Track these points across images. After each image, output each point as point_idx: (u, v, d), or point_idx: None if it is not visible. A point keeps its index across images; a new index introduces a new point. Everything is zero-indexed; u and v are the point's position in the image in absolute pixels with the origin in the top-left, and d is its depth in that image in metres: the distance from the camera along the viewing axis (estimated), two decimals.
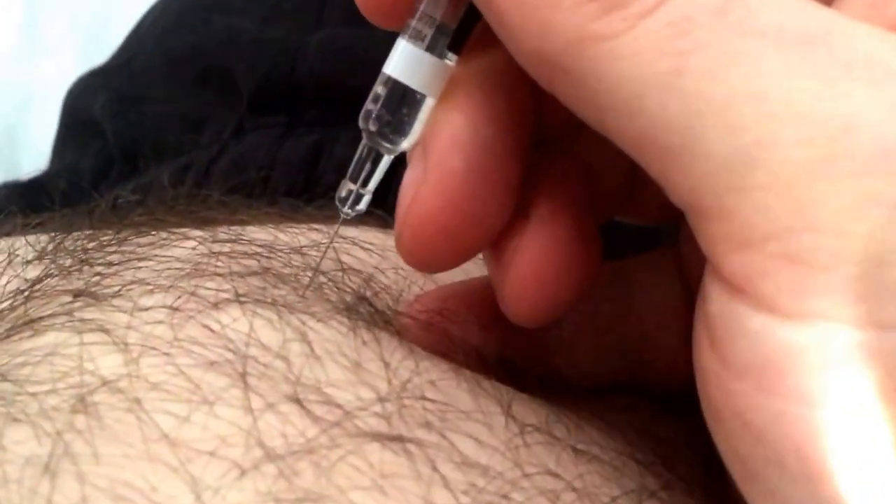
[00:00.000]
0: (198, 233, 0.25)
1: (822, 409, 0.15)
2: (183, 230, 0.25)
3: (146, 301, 0.21)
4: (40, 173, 0.53)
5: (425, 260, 0.21)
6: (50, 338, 0.20)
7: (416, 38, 0.21)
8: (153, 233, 0.25)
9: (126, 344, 0.19)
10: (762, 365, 0.16)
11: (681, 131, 0.16)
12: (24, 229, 0.27)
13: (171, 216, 0.27)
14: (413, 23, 0.21)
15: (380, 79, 0.21)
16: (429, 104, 0.21)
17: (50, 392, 0.18)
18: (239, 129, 0.46)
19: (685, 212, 0.17)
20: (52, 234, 0.25)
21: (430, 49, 0.21)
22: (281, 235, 0.27)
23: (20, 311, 0.21)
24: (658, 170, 0.17)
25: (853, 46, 0.16)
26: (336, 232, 0.24)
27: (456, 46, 0.21)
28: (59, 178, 0.51)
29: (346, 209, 0.23)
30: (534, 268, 0.21)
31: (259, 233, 0.26)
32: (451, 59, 0.21)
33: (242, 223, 0.28)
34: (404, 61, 0.21)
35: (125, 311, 0.20)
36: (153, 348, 0.19)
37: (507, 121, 0.21)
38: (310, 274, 0.23)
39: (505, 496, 0.18)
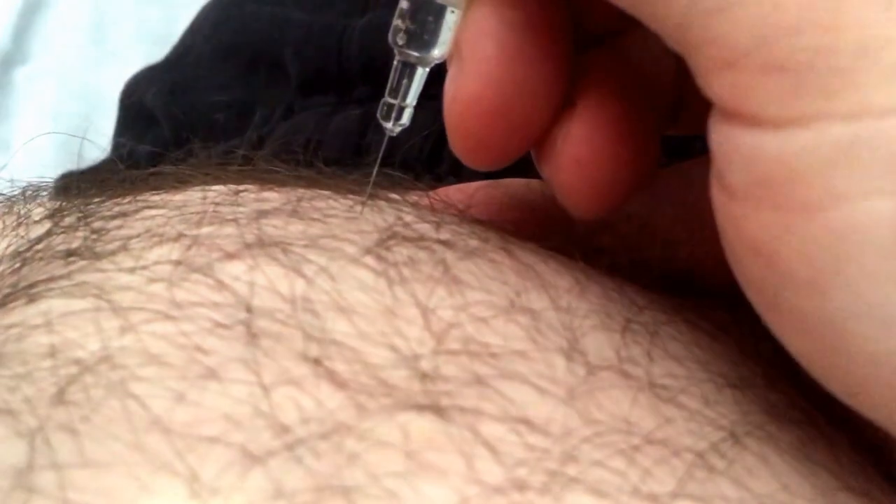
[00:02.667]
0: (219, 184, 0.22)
1: (825, 213, 0.14)
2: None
3: (150, 255, 0.17)
4: (99, 161, 0.51)
5: (477, 152, 0.21)
6: (42, 306, 0.16)
7: None
8: (172, 180, 0.22)
9: (122, 308, 0.16)
10: (759, 181, 0.14)
11: None
12: (51, 195, 0.25)
13: (196, 172, 0.24)
14: None
15: None
16: (453, 13, 0.20)
17: (33, 374, 0.15)
18: (289, 111, 0.44)
19: (681, 54, 0.16)
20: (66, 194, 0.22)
21: None
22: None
23: (18, 274, 0.18)
24: (649, 13, 0.16)
25: None
26: (382, 151, 0.21)
27: None
28: (116, 164, 0.49)
29: (389, 125, 0.22)
30: (583, 150, 0.20)
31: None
32: None
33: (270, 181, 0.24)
34: None
35: (125, 270, 0.17)
36: (153, 311, 0.16)
37: (539, 12, 0.19)
38: (342, 206, 0.20)
39: (570, 459, 0.15)
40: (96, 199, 0.20)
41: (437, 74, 0.22)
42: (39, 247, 0.18)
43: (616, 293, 0.19)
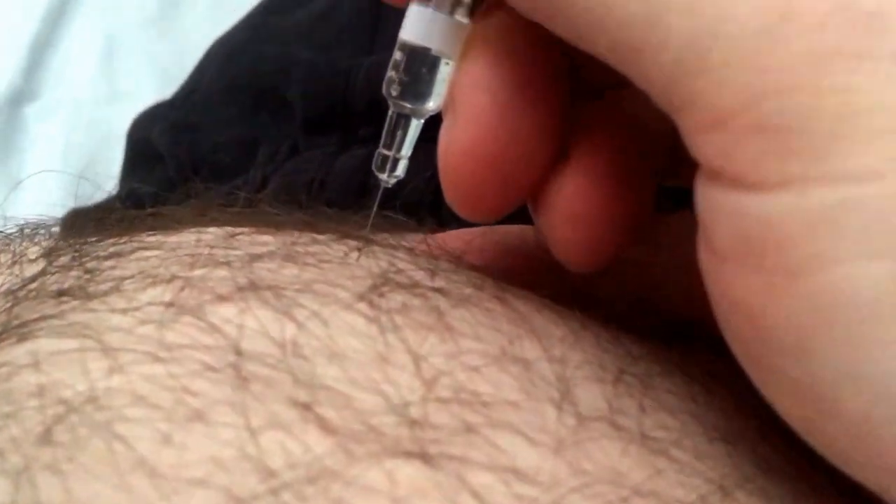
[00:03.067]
0: (215, 228, 0.22)
1: (809, 277, 0.14)
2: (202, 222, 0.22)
3: (142, 296, 0.17)
4: (105, 199, 0.52)
5: (470, 203, 0.20)
6: (31, 345, 0.16)
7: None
8: (168, 221, 0.22)
9: (111, 349, 0.16)
10: (744, 243, 0.14)
11: (644, 27, 0.15)
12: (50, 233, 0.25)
13: (194, 213, 0.24)
14: None
15: (397, 45, 0.20)
16: (448, 65, 0.20)
17: (20, 413, 0.15)
18: (294, 150, 0.44)
19: (668, 113, 0.16)
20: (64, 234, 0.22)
21: (440, 8, 0.20)
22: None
23: (10, 313, 0.18)
24: (637, 73, 0.16)
25: None
26: (377, 202, 0.21)
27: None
28: (122, 203, 0.49)
29: (384, 176, 0.21)
30: (576, 206, 0.20)
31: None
32: (463, 17, 0.20)
33: (268, 223, 0.24)
34: (416, 24, 0.20)
35: (116, 310, 0.17)
36: (142, 352, 0.16)
37: (534, 65, 0.19)
38: (336, 251, 0.20)
39: None
40: (92, 239, 0.20)
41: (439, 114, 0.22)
42: (32, 286, 0.18)
43: (611, 343, 0.19)
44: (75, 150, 0.79)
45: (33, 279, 0.18)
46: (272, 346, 0.16)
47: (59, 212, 0.73)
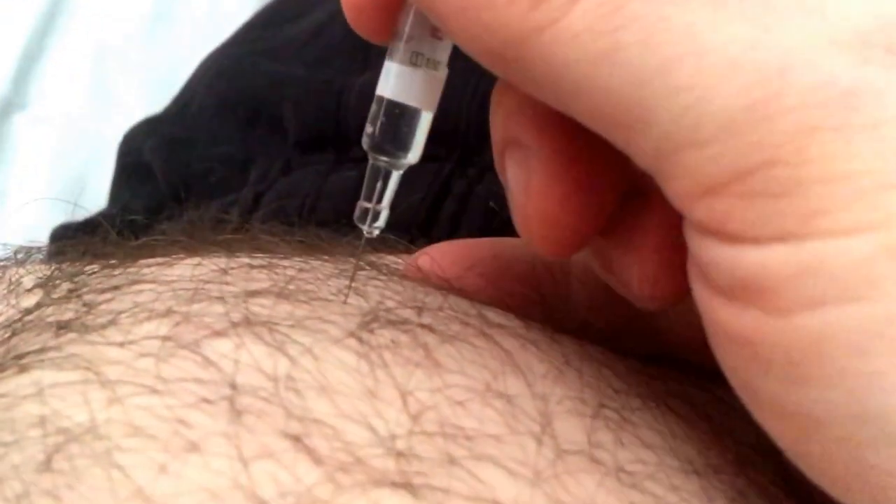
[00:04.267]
0: (211, 256, 0.23)
1: (802, 316, 0.15)
2: (198, 251, 0.23)
3: (139, 330, 0.18)
4: (96, 214, 0.52)
5: (554, 250, 0.21)
6: (32, 376, 0.17)
7: (400, 56, 0.20)
8: (164, 252, 0.23)
9: (110, 381, 0.17)
10: (740, 284, 0.16)
11: (631, 103, 0.16)
12: (42, 257, 0.25)
13: (191, 240, 0.25)
14: (395, 42, 0.20)
15: (375, 100, 0.21)
16: (425, 116, 0.21)
17: (22, 442, 0.15)
18: (286, 168, 0.45)
19: (652, 174, 0.17)
20: (60, 262, 0.23)
21: (414, 64, 0.20)
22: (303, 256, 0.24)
23: (9, 344, 0.19)
24: (621, 140, 0.17)
25: None
26: (361, 249, 0.22)
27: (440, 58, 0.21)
28: (112, 218, 0.50)
29: (366, 228, 0.22)
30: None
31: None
32: (438, 70, 0.21)
33: (262, 249, 0.25)
34: (392, 80, 0.21)
35: (114, 344, 0.18)
36: (140, 385, 0.17)
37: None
38: (328, 287, 0.21)
39: None
40: (88, 270, 0.21)
41: (433, 135, 0.23)
42: (30, 318, 0.19)
43: (593, 378, 0.20)
44: (64, 160, 0.79)
45: (30, 311, 0.19)
46: (265, 380, 0.17)
47: (50, 222, 0.74)
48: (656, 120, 0.16)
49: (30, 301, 0.20)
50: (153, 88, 0.82)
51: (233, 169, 0.47)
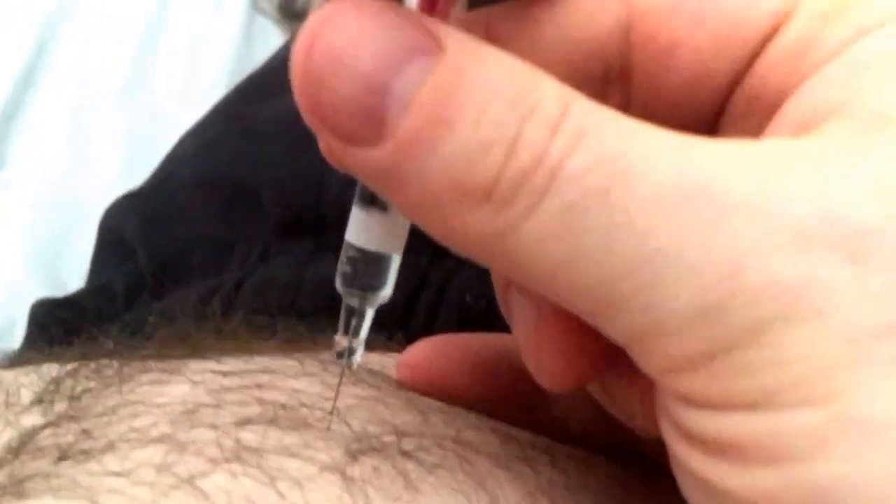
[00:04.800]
0: (204, 366, 0.24)
1: (773, 470, 0.16)
2: (189, 363, 0.24)
3: (135, 457, 0.19)
4: (76, 291, 0.53)
5: (559, 384, 0.22)
6: (34, 503, 0.18)
7: (367, 205, 0.21)
8: (158, 367, 0.24)
9: None
10: (710, 442, 0.17)
11: (598, 299, 0.17)
12: (35, 361, 0.26)
13: (179, 349, 0.26)
14: (361, 190, 0.21)
15: (345, 245, 0.22)
16: (395, 258, 0.22)
17: None
18: (266, 253, 0.46)
19: (623, 348, 0.18)
20: (55, 374, 0.24)
21: (382, 209, 0.21)
22: (289, 362, 0.26)
23: (9, 468, 0.20)
24: (592, 323, 0.18)
25: (731, 192, 0.16)
26: (340, 380, 0.23)
27: None
28: (92, 297, 0.51)
29: (342, 362, 0.23)
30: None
31: (265, 362, 0.25)
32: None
33: (251, 352, 0.27)
34: (359, 228, 0.21)
35: (111, 473, 0.19)
36: None
37: None
38: (314, 412, 0.22)
39: None
40: (84, 388, 0.22)
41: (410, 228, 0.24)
42: (30, 444, 0.20)
43: (563, 501, 0.21)
44: (41, 219, 0.80)
45: (31, 433, 0.20)
46: None
47: (27, 282, 0.75)
48: (623, 314, 0.17)
49: (29, 420, 0.21)
50: (130, 151, 0.83)
51: (213, 250, 0.47)
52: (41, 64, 0.88)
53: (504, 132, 0.17)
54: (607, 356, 0.21)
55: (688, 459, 0.18)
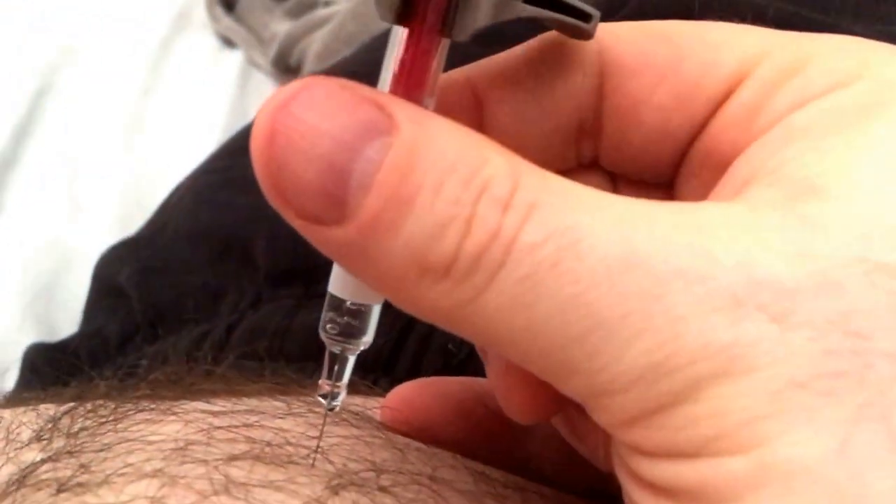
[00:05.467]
0: (195, 406, 0.25)
1: None
2: (181, 404, 0.26)
3: (129, 490, 0.20)
4: (69, 336, 0.54)
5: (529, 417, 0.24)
6: None
7: None
8: (151, 407, 0.25)
9: None
10: (660, 486, 0.18)
11: (553, 361, 0.18)
12: (34, 402, 0.28)
13: (171, 390, 0.27)
14: None
15: (327, 296, 0.23)
16: (375, 308, 0.23)
17: None
18: (257, 300, 0.47)
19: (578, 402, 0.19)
20: (53, 413, 0.25)
21: None
22: (276, 403, 0.27)
23: (11, 499, 0.21)
24: (549, 381, 0.19)
25: (669, 261, 0.18)
26: (323, 423, 0.24)
27: None
28: (86, 342, 0.52)
29: (326, 404, 0.24)
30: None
31: (253, 403, 0.27)
32: None
33: (240, 394, 0.28)
34: (342, 280, 0.23)
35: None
36: None
37: None
38: (299, 450, 0.23)
39: None
40: (81, 426, 0.23)
41: None
42: (31, 477, 0.21)
43: None
44: (34, 267, 0.80)
45: (31, 467, 0.22)
46: None
47: (21, 328, 0.75)
48: (576, 376, 0.18)
49: (28, 456, 0.22)
50: (124, 200, 0.85)
51: (205, 298, 0.49)
52: (38, 114, 0.90)
53: (459, 211, 0.18)
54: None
55: (641, 501, 0.19)
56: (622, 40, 0.23)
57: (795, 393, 0.17)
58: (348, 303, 0.23)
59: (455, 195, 0.18)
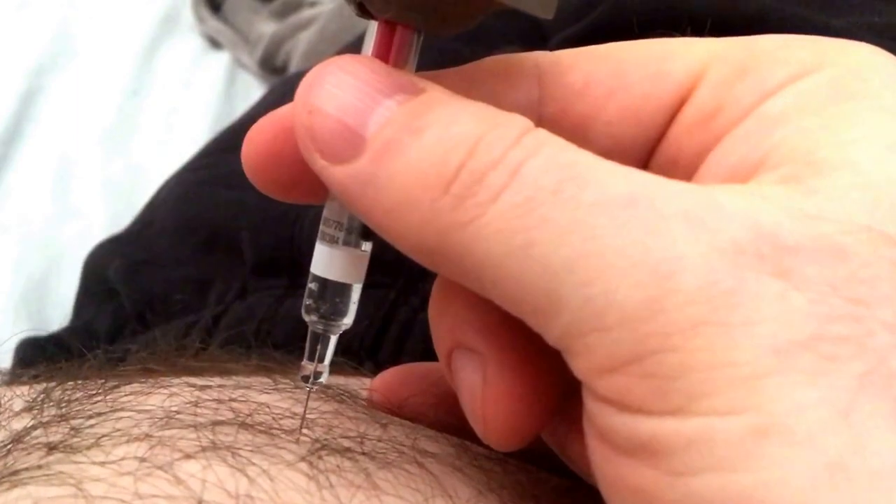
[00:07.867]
0: (183, 380, 0.26)
1: (689, 479, 0.17)
2: (169, 378, 0.26)
3: (118, 451, 0.21)
4: (60, 330, 0.55)
5: (508, 440, 0.23)
6: (27, 490, 0.20)
7: (329, 240, 0.23)
8: (141, 381, 0.26)
9: (93, 496, 0.19)
10: (634, 446, 0.18)
11: (543, 292, 0.18)
12: (27, 379, 0.28)
13: (160, 366, 0.28)
14: (323, 227, 0.23)
15: (310, 277, 0.24)
16: (356, 287, 0.24)
17: None
18: (243, 291, 0.48)
19: (560, 350, 0.19)
20: (44, 384, 0.26)
21: (345, 244, 0.23)
22: (263, 380, 0.28)
23: (2, 462, 0.22)
24: (534, 323, 0.19)
25: (672, 203, 0.18)
26: (308, 399, 0.24)
27: (367, 236, 0.24)
28: (76, 335, 0.53)
29: (309, 384, 0.25)
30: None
31: (240, 379, 0.27)
32: (364, 248, 0.24)
33: (228, 372, 0.29)
34: (324, 260, 0.24)
35: (97, 463, 0.20)
36: (119, 500, 0.19)
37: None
38: (283, 421, 0.24)
39: None
40: (72, 396, 0.24)
41: (380, 264, 0.26)
42: (22, 441, 0.22)
43: (512, 500, 0.23)
44: (26, 267, 0.81)
45: (25, 433, 0.22)
46: (228, 497, 0.20)
47: (12, 327, 0.76)
48: (565, 308, 0.18)
49: (20, 423, 0.23)
50: (114, 196, 0.85)
51: (193, 290, 0.49)
52: (28, 116, 0.90)
53: (467, 139, 0.19)
54: (550, 411, 0.23)
55: (615, 468, 0.19)
56: (563, 65, 0.23)
57: (798, 353, 0.17)
58: (330, 282, 0.23)
59: (466, 126, 0.19)
